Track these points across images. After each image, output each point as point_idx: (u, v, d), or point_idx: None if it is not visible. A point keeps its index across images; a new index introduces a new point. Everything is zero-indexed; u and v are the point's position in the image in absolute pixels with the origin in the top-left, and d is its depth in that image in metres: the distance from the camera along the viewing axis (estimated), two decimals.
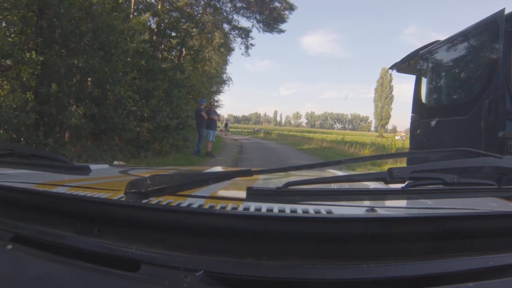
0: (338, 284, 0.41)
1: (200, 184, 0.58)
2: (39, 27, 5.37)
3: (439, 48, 3.72)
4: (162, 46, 10.23)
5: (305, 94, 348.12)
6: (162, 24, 9.73)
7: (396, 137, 35.76)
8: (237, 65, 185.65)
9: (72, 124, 5.63)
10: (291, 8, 14.72)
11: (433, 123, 3.59)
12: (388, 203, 0.75)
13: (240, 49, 17.00)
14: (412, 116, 4.06)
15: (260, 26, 15.15)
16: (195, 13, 13.72)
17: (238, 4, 14.69)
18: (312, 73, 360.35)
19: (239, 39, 16.61)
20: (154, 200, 0.65)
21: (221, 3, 14.82)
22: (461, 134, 3.08)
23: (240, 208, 0.67)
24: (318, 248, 0.45)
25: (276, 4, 14.51)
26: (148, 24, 9.58)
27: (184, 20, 10.39)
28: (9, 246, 0.45)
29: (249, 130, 52.17)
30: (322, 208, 0.66)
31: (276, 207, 0.66)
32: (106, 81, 6.18)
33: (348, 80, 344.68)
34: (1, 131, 4.76)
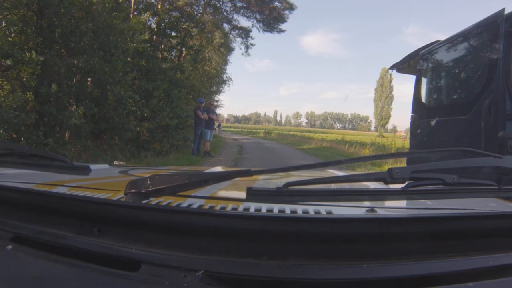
0: (338, 284, 0.41)
1: (200, 185, 0.58)
2: (39, 27, 5.37)
3: (439, 48, 3.72)
4: (162, 46, 10.23)
5: (305, 94, 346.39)
6: (162, 24, 9.72)
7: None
8: (237, 65, 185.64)
9: (72, 124, 5.63)
10: (291, 8, 14.75)
11: (433, 123, 3.59)
12: (388, 203, 0.75)
13: (240, 49, 17.05)
14: (412, 116, 4.06)
15: (260, 26, 15.19)
16: (195, 12, 13.74)
17: (238, 4, 14.71)
18: (312, 73, 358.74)
19: (239, 39, 16.66)
20: (154, 201, 0.65)
21: (221, 3, 14.83)
22: (461, 134, 3.08)
23: (240, 209, 0.67)
24: (318, 248, 0.45)
25: (276, 3, 14.54)
26: (148, 24, 9.59)
27: (184, 20, 10.37)
28: (9, 246, 0.45)
29: (249, 130, 52.31)
30: (322, 209, 0.66)
31: (276, 208, 0.66)
32: (106, 81, 6.18)
33: (348, 80, 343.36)
34: (1, 131, 4.75)
